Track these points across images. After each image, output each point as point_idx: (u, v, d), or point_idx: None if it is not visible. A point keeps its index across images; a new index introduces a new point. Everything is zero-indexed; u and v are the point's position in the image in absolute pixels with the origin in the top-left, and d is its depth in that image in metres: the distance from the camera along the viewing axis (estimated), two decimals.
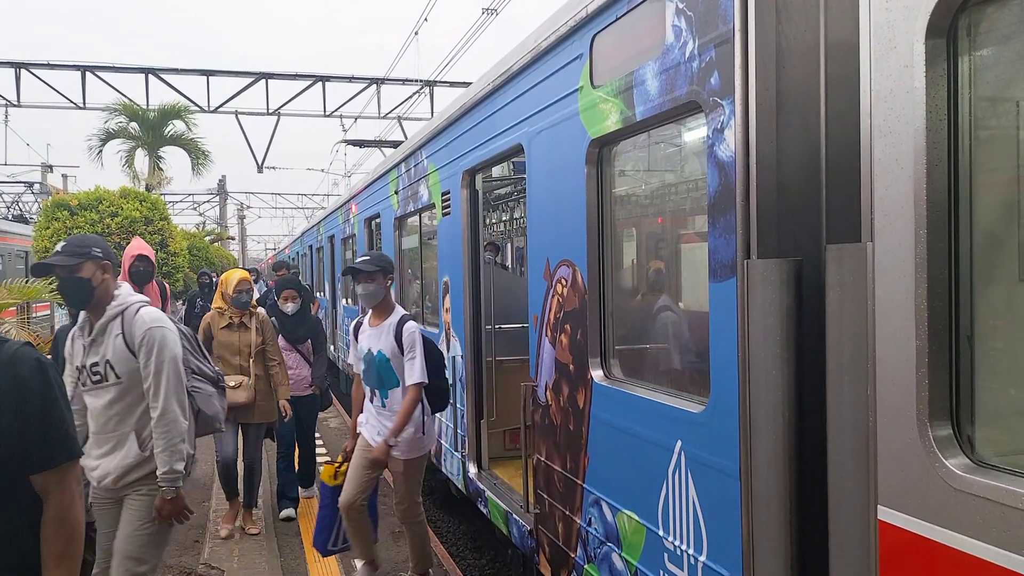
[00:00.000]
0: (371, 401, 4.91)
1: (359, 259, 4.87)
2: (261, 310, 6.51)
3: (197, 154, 22.84)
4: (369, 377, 4.87)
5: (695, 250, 3.17)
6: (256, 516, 6.47)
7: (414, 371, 4.68)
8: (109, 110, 20.93)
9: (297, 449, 7.02)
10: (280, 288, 7.07)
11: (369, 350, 4.84)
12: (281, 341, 6.55)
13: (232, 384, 5.78)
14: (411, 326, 4.76)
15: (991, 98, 1.97)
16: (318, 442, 8.65)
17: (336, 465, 5.16)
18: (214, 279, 10.00)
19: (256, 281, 19.29)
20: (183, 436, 3.57)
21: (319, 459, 7.63)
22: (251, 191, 47.11)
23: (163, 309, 6.95)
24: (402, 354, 4.71)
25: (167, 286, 7.66)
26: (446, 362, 5.34)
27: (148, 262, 7.11)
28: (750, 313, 2.47)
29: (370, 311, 4.95)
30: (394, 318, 4.81)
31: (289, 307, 6.80)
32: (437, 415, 5.41)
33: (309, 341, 6.98)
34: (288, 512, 6.71)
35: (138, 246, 7.26)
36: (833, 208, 2.42)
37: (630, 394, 3.34)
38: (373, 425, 4.89)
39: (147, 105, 20.11)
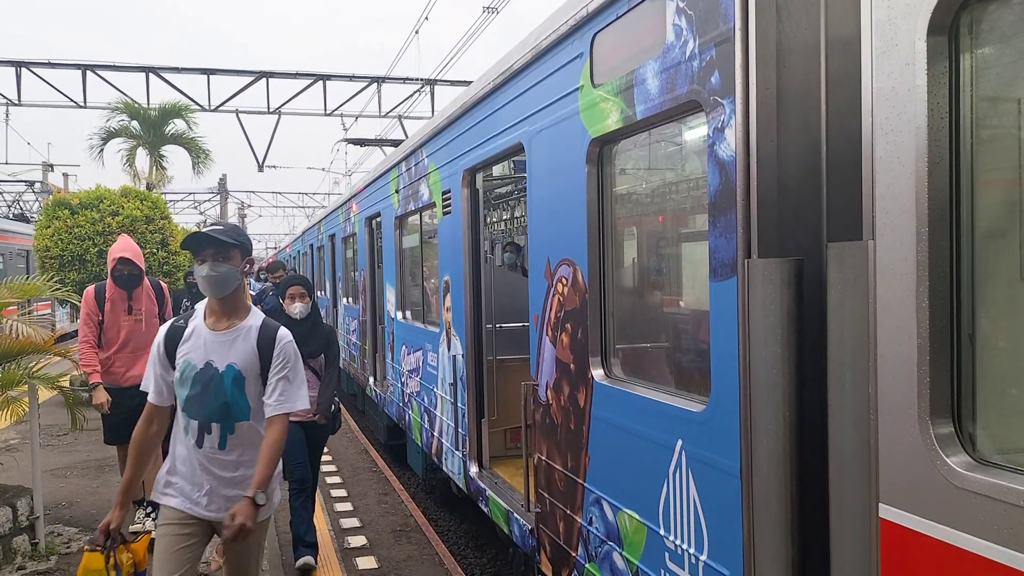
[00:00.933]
0: (196, 445, 3.33)
1: (209, 226, 3.49)
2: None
3: (198, 153, 22.82)
4: (201, 405, 3.32)
5: (695, 249, 3.17)
6: (264, 568, 4.99)
7: (297, 394, 3.39)
8: (110, 109, 20.93)
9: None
10: (285, 285, 5.36)
11: (209, 364, 3.32)
12: None
13: None
14: (286, 333, 3.45)
15: (993, 96, 1.97)
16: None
17: (102, 549, 3.19)
18: None
19: (261, 280, 19.26)
20: None
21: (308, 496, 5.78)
22: (252, 190, 47.22)
23: (162, 312, 6.35)
24: (264, 371, 3.36)
25: (164, 286, 6.48)
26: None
27: (133, 265, 5.96)
28: (751, 312, 2.46)
29: (202, 310, 3.45)
30: (253, 320, 3.42)
31: (297, 309, 5.22)
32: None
33: (322, 355, 5.40)
34: (307, 560, 5.42)
35: (120, 248, 6.05)
36: (834, 206, 2.42)
37: (631, 393, 3.34)
38: (196, 482, 3.33)
39: (148, 104, 20.15)
